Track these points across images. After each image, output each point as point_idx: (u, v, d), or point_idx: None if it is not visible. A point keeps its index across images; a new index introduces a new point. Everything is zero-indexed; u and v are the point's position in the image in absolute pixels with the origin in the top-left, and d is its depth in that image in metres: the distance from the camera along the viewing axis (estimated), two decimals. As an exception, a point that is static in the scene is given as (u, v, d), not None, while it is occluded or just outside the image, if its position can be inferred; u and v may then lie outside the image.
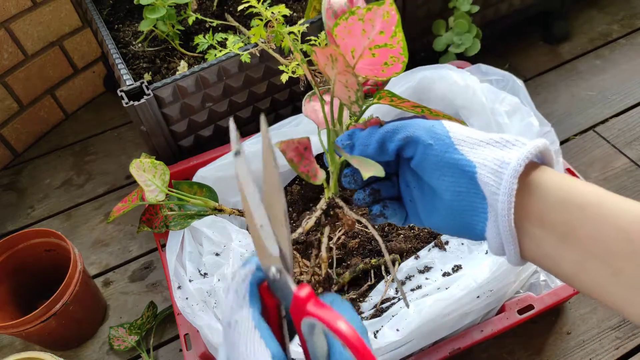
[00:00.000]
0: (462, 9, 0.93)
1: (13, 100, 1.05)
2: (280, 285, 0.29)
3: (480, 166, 0.33)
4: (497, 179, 0.32)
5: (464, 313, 0.60)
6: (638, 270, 0.28)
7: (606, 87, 1.07)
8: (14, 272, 0.78)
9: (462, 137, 0.35)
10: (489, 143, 0.34)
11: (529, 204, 0.32)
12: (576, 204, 0.31)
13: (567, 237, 0.31)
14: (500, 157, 0.33)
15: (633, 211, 0.30)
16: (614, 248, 0.29)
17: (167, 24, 0.85)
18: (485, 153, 0.34)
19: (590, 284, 0.31)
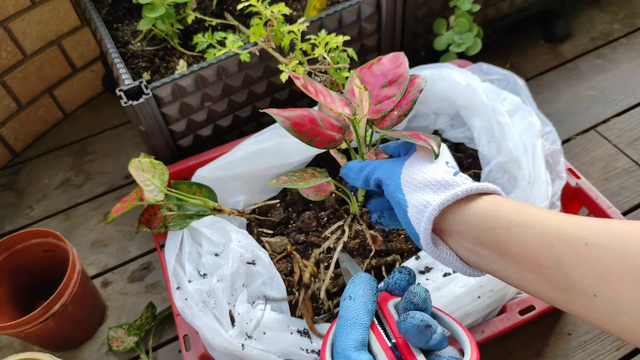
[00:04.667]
0: (463, 8, 0.93)
1: (11, 100, 1.04)
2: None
3: (411, 206, 0.41)
4: (420, 216, 0.40)
5: (464, 313, 0.59)
6: (564, 277, 0.33)
7: (607, 87, 1.06)
8: (12, 273, 0.77)
9: (409, 180, 0.43)
10: (427, 185, 0.42)
11: (461, 229, 0.39)
12: (502, 228, 0.37)
13: (503, 254, 0.37)
14: (428, 199, 0.40)
15: (555, 224, 0.34)
16: (541, 260, 0.34)
17: (166, 23, 0.85)
18: (418, 195, 0.41)
19: (534, 291, 0.36)
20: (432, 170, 0.43)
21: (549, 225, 0.34)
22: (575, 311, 0.34)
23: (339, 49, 0.66)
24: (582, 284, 0.32)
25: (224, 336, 0.57)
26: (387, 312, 0.40)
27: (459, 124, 0.84)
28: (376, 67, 0.53)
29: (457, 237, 0.40)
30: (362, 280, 0.41)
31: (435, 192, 0.41)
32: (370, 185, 0.46)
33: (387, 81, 0.52)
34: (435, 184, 0.42)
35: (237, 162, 0.75)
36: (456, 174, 0.43)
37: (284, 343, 0.56)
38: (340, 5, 0.85)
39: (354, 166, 0.49)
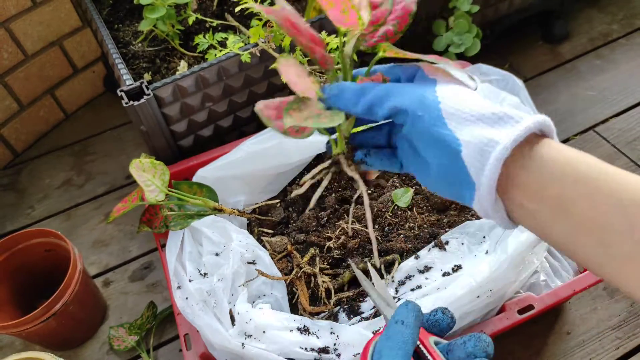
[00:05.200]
0: (462, 9, 0.93)
1: (13, 100, 1.04)
2: None
3: (466, 144, 0.32)
4: (483, 158, 0.32)
5: (464, 313, 0.60)
6: (635, 245, 0.28)
7: (606, 87, 1.07)
8: (13, 272, 0.78)
9: (453, 110, 0.33)
10: (481, 119, 0.33)
11: (523, 178, 0.32)
12: (569, 181, 0.31)
13: (561, 210, 0.31)
14: (489, 135, 0.32)
15: (632, 185, 0.29)
16: (608, 223, 0.29)
17: (167, 23, 0.85)
18: (474, 131, 0.32)
19: (582, 255, 0.32)
20: (479, 99, 0.34)
21: (625, 185, 0.29)
22: (629, 285, 0.30)
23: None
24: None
25: (224, 335, 0.57)
26: (430, 348, 0.40)
27: (458, 124, 0.84)
28: None
29: (515, 188, 0.33)
30: (415, 309, 0.39)
31: (494, 127, 0.32)
32: (377, 115, 0.36)
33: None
34: (491, 116, 0.33)
35: (237, 162, 0.75)
36: (503, 104, 0.35)
37: (283, 342, 0.57)
38: (340, 6, 0.85)
39: (349, 87, 0.37)
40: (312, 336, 0.58)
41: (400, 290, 0.65)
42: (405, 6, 0.40)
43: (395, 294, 0.65)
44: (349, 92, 0.37)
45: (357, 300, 0.66)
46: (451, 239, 0.69)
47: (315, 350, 0.57)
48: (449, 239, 0.69)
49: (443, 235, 0.70)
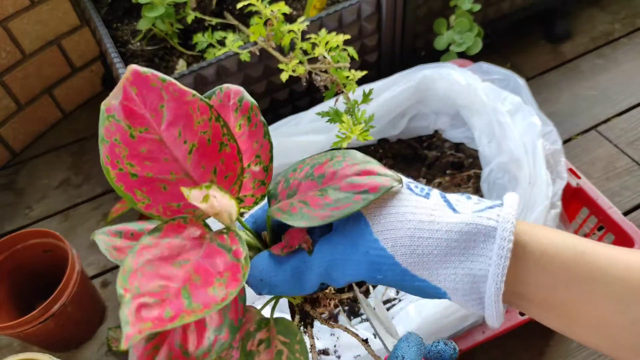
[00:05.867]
0: (464, 8, 0.92)
1: (11, 100, 1.04)
2: None
3: (452, 293, 0.28)
4: (478, 299, 0.28)
5: (465, 314, 0.59)
6: (636, 338, 0.26)
7: (608, 87, 1.06)
8: (12, 273, 0.77)
9: (415, 258, 0.27)
10: (449, 252, 0.27)
11: (523, 290, 0.28)
12: (560, 284, 0.27)
13: (561, 315, 0.28)
14: (470, 272, 0.27)
15: (623, 270, 0.26)
16: (610, 322, 0.27)
17: (165, 22, 0.85)
18: (450, 271, 0.27)
19: (585, 341, 0.29)
20: (426, 216, 0.28)
21: (617, 275, 0.27)
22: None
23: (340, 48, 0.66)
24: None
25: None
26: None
27: (459, 123, 0.84)
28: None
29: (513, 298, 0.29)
30: (416, 342, 0.32)
31: (469, 256, 0.27)
32: (337, 285, 0.31)
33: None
34: (457, 239, 0.27)
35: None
36: (447, 201, 0.29)
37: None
38: (341, 5, 0.85)
39: (274, 265, 0.31)
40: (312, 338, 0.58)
41: (401, 292, 0.65)
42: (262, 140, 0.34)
43: (396, 295, 0.65)
44: (277, 278, 0.30)
45: (357, 302, 0.65)
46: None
47: (316, 351, 0.56)
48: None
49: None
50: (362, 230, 0.28)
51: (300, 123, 0.78)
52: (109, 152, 0.27)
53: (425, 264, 0.27)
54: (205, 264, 0.25)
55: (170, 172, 0.28)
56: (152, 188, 0.28)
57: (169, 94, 0.28)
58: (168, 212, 0.28)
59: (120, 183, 0.28)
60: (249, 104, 0.32)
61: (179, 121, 0.28)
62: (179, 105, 0.28)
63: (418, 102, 0.83)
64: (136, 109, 0.28)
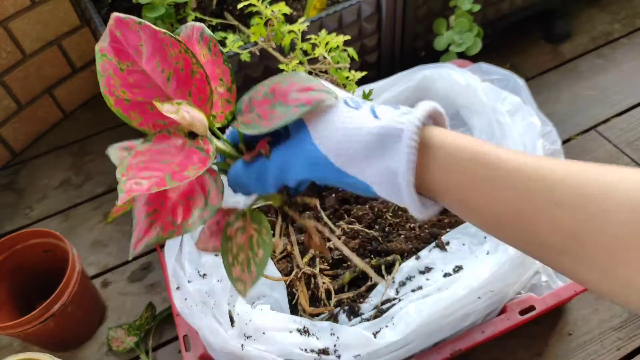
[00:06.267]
0: (463, 8, 0.93)
1: (11, 100, 1.04)
2: None
3: (377, 185, 0.33)
4: (395, 190, 0.32)
5: (465, 314, 0.59)
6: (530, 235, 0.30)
7: (608, 87, 1.06)
8: (12, 273, 0.77)
9: (343, 159, 0.33)
10: (369, 154, 0.32)
11: (433, 180, 0.32)
12: (467, 180, 0.31)
13: (466, 207, 0.32)
14: (389, 166, 0.32)
15: (517, 173, 0.30)
16: (504, 216, 0.30)
17: (166, 23, 0.85)
18: (372, 168, 0.32)
19: (497, 235, 0.33)
20: (352, 121, 0.33)
21: (511, 171, 0.30)
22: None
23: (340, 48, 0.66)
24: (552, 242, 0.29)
25: (223, 336, 0.56)
26: None
27: (459, 123, 0.84)
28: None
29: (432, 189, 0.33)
30: None
31: (385, 155, 0.32)
32: (290, 185, 0.37)
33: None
34: (375, 141, 0.32)
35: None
36: (373, 111, 0.34)
37: (283, 343, 0.56)
38: (340, 5, 0.85)
39: (241, 181, 0.39)
40: (312, 337, 0.58)
41: (401, 291, 0.65)
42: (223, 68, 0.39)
43: (395, 295, 0.65)
44: (247, 177, 0.38)
45: (357, 302, 0.65)
46: (452, 240, 0.69)
47: (315, 351, 0.56)
48: (450, 239, 0.69)
49: (444, 236, 0.70)
50: (305, 137, 0.34)
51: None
52: (106, 84, 0.35)
53: (353, 162, 0.33)
54: (184, 160, 0.34)
55: (155, 96, 0.36)
56: (143, 109, 0.36)
57: (146, 34, 0.35)
58: (157, 128, 0.36)
59: (118, 107, 0.36)
60: (208, 37, 0.38)
61: (156, 55, 0.35)
62: (154, 42, 0.35)
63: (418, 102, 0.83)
64: (122, 48, 0.35)
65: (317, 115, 0.34)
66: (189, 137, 0.35)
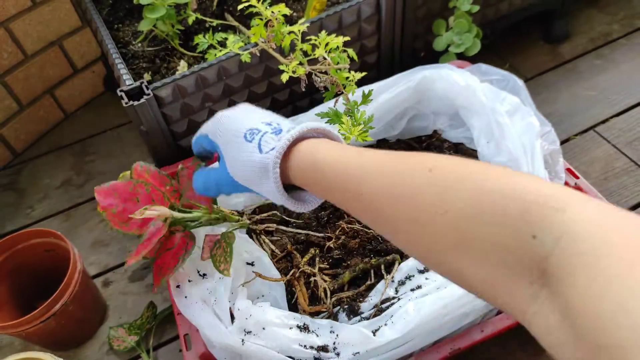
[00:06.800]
0: (462, 9, 0.93)
1: (12, 100, 1.04)
2: None
3: (268, 195, 0.47)
4: (277, 198, 0.46)
5: (464, 313, 0.60)
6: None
7: (607, 87, 1.07)
8: (13, 272, 0.78)
9: (243, 180, 0.48)
10: (258, 177, 0.45)
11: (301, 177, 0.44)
12: (330, 193, 0.42)
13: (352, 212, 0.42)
14: (270, 186, 0.45)
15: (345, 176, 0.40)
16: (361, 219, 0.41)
17: (166, 23, 0.85)
18: (262, 186, 0.46)
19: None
20: (246, 156, 0.46)
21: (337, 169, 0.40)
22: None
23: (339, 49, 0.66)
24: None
25: (223, 332, 0.57)
26: None
27: (458, 124, 0.84)
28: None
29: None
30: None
31: (265, 177, 0.44)
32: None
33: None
34: (257, 170, 0.44)
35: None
36: (259, 144, 0.45)
37: (283, 339, 0.57)
38: (340, 6, 0.85)
39: (199, 187, 0.56)
40: (311, 334, 0.58)
41: (401, 290, 0.65)
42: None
43: (395, 294, 0.65)
44: (204, 190, 0.56)
45: (357, 300, 0.66)
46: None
47: (315, 348, 0.57)
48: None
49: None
50: (223, 166, 0.50)
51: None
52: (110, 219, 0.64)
53: (251, 182, 0.47)
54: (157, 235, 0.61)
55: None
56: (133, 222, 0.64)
57: (118, 191, 0.65)
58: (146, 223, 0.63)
59: (119, 228, 0.64)
60: (146, 166, 0.67)
61: (126, 195, 0.65)
62: (124, 191, 0.65)
63: (417, 102, 0.83)
64: (111, 204, 0.65)
65: (227, 149, 0.49)
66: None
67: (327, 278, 0.67)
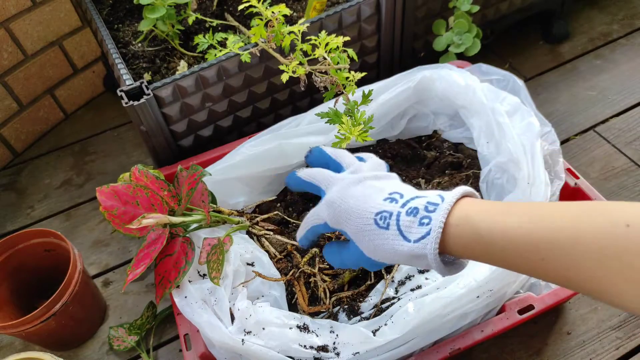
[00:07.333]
0: (462, 9, 0.93)
1: (13, 100, 1.04)
2: None
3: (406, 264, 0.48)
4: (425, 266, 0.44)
5: (463, 313, 0.60)
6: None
7: (606, 87, 1.07)
8: (13, 272, 0.78)
9: (384, 260, 0.46)
10: (403, 262, 0.44)
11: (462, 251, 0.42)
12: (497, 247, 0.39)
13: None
14: (418, 264, 0.44)
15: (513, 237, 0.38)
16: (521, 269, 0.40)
17: (166, 23, 0.85)
18: (403, 262, 0.44)
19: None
20: (386, 245, 0.44)
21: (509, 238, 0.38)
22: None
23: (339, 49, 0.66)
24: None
25: (224, 332, 0.57)
26: None
27: (458, 124, 0.84)
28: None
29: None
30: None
31: (414, 262, 0.43)
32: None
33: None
34: (406, 257, 0.43)
35: (237, 165, 0.75)
36: (400, 230, 0.43)
37: (283, 339, 0.57)
38: (340, 6, 0.85)
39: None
40: (311, 334, 0.58)
41: (401, 290, 0.65)
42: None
43: (395, 294, 0.65)
44: (343, 266, 0.52)
45: (357, 300, 0.66)
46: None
47: (315, 348, 0.57)
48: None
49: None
50: (357, 250, 0.47)
51: (300, 124, 0.78)
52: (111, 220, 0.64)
53: (400, 262, 0.45)
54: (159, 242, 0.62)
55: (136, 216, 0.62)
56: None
57: (119, 194, 0.64)
58: (145, 230, 0.63)
59: (119, 229, 0.64)
60: (143, 171, 0.66)
61: (126, 197, 0.64)
62: (124, 194, 0.64)
63: (417, 102, 0.83)
64: (112, 204, 0.65)
65: (360, 239, 0.46)
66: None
67: (327, 278, 0.67)
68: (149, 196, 0.62)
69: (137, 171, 0.65)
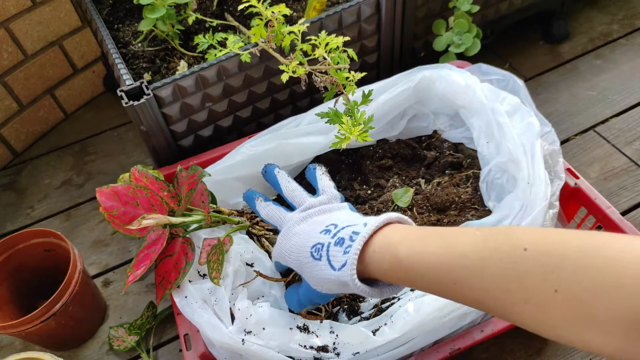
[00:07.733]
0: (462, 9, 0.93)
1: (12, 100, 1.04)
2: None
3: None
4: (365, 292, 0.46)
5: (463, 313, 0.60)
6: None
7: (606, 87, 1.07)
8: (13, 272, 0.78)
9: (324, 290, 0.50)
10: (337, 288, 0.47)
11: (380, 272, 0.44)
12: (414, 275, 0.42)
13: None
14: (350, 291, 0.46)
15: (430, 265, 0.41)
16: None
17: (166, 23, 0.85)
18: (342, 291, 0.49)
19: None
20: (321, 273, 0.47)
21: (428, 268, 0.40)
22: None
23: (339, 49, 0.66)
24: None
25: (224, 332, 0.57)
26: None
27: (458, 124, 0.84)
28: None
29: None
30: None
31: (344, 286, 0.45)
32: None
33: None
34: (335, 284, 0.46)
35: (237, 165, 0.75)
36: (329, 261, 0.46)
37: (283, 339, 0.57)
38: (340, 6, 0.85)
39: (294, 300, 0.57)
40: (311, 334, 0.58)
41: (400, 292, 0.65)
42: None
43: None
44: (301, 307, 0.58)
45: (357, 300, 0.66)
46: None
47: (315, 348, 0.57)
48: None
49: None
50: (307, 284, 0.51)
51: (300, 124, 0.78)
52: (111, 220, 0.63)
53: (331, 290, 0.48)
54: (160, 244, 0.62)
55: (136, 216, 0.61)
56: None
57: (118, 194, 0.63)
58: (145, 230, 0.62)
59: (119, 229, 0.63)
60: (143, 172, 0.65)
61: (126, 198, 0.63)
62: (124, 194, 0.63)
63: (417, 102, 0.83)
64: (112, 205, 0.64)
65: (303, 272, 0.51)
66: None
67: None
68: (148, 197, 0.62)
69: (137, 172, 0.65)
